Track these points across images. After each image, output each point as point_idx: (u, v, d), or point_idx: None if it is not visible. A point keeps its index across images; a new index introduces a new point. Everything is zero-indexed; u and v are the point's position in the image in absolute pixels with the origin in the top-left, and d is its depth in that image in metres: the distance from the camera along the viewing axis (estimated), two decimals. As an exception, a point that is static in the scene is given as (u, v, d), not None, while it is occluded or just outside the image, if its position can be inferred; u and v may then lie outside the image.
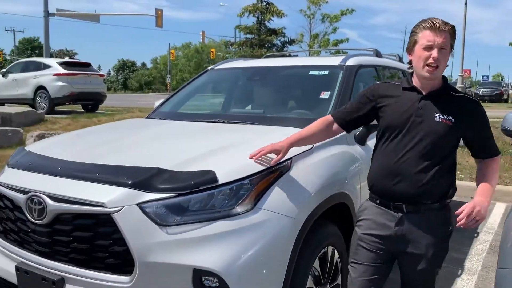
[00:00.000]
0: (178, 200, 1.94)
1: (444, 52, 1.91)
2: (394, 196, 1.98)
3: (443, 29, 1.89)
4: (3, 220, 2.38)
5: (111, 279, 1.93)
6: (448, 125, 1.93)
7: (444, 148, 1.95)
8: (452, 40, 1.95)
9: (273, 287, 2.03)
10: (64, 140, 2.98)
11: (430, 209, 1.97)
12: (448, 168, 1.98)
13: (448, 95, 1.99)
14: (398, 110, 2.00)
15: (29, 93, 13.55)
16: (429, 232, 1.98)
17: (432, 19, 1.93)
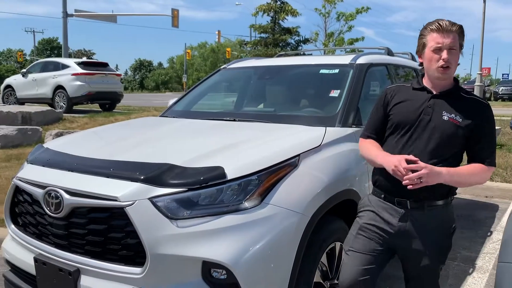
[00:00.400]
0: (188, 195, 2.00)
1: (454, 52, 1.94)
2: (399, 192, 1.99)
3: (451, 30, 1.92)
4: (23, 213, 2.48)
5: (124, 270, 2.00)
6: (455, 125, 1.95)
7: (450, 147, 1.97)
8: (461, 40, 1.97)
9: (280, 281, 2.08)
10: (80, 137, 3.07)
11: (433, 206, 2.00)
12: (450, 166, 1.97)
13: (458, 96, 2.02)
14: (408, 108, 2.03)
15: (48, 93, 13.83)
16: (433, 229, 2.00)
17: (439, 21, 1.96)
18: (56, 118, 10.69)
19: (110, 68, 15.13)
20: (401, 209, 2.02)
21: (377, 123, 2.18)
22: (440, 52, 1.93)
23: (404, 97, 2.09)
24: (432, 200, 2.00)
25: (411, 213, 2.01)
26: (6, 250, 2.56)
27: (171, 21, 23.54)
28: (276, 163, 2.18)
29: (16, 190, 2.51)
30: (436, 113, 1.98)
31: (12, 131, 8.22)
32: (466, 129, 1.95)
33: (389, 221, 2.04)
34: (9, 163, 6.85)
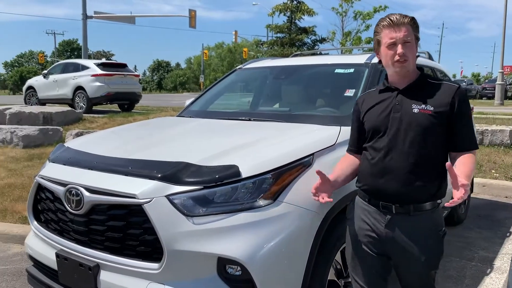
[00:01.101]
0: (204, 193, 2.04)
1: (409, 45, 1.89)
2: (383, 194, 1.94)
3: (403, 23, 1.88)
4: (45, 210, 2.56)
5: (141, 265, 2.05)
6: (427, 115, 1.87)
7: (429, 140, 1.88)
8: (415, 31, 1.93)
9: (295, 278, 2.11)
10: (100, 136, 3.15)
11: (420, 211, 1.90)
12: (437, 164, 1.90)
13: (426, 84, 1.95)
14: (377, 112, 1.98)
15: (69, 93, 14.09)
16: (421, 234, 1.91)
17: (389, 16, 1.92)
18: (76, 118, 10.88)
19: (128, 69, 15.33)
20: (386, 214, 1.94)
21: (355, 135, 2.14)
22: (395, 47, 1.88)
23: (373, 102, 2.04)
24: (418, 203, 1.91)
25: (397, 219, 1.93)
26: (29, 246, 2.65)
27: (189, 22, 23.75)
28: (290, 162, 2.21)
29: (38, 188, 2.59)
30: (406, 108, 1.91)
31: (34, 131, 8.41)
32: (440, 116, 1.87)
33: (375, 227, 1.98)
34: (31, 162, 7.02)
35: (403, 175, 1.87)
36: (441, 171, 1.91)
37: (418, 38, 1.95)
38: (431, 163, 1.89)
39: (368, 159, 1.99)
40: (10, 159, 7.25)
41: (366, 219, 2.00)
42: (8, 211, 4.72)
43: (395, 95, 1.96)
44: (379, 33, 1.94)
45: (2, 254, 4.02)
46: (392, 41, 1.89)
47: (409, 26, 1.90)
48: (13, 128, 8.53)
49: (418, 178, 1.87)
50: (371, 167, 1.97)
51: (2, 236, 4.30)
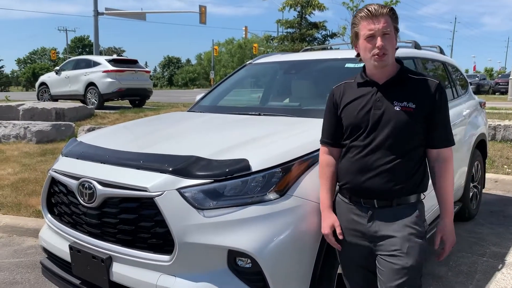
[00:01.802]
0: (214, 186, 2.06)
1: (388, 37, 1.81)
2: (365, 192, 1.90)
3: (381, 14, 1.80)
4: (58, 204, 2.60)
5: (153, 257, 2.09)
6: (409, 112, 1.83)
7: (409, 138, 1.86)
8: (395, 22, 1.85)
9: (304, 270, 2.12)
10: (112, 131, 3.19)
11: (402, 204, 1.88)
12: (417, 159, 1.89)
13: (406, 79, 1.89)
14: (357, 108, 1.91)
15: (80, 90, 14.25)
16: (403, 224, 1.86)
17: (367, 6, 1.83)
18: (88, 114, 11.01)
19: (139, 65, 15.43)
20: (368, 210, 1.92)
21: (331, 128, 2.06)
22: (374, 39, 1.80)
23: (351, 96, 1.96)
24: (401, 197, 1.88)
25: (379, 212, 1.90)
26: (43, 239, 2.70)
27: (199, 18, 23.77)
28: (300, 156, 2.22)
29: (52, 181, 2.63)
30: (387, 105, 1.85)
31: (46, 126, 8.53)
32: (421, 113, 1.83)
33: (358, 224, 1.94)
34: (44, 158, 7.13)
35: (385, 172, 1.84)
36: (422, 167, 1.92)
37: (398, 29, 1.88)
38: (413, 159, 1.88)
39: (349, 157, 1.95)
40: (24, 154, 7.37)
41: (351, 218, 1.97)
42: (23, 205, 4.81)
43: (375, 91, 1.90)
44: (357, 24, 1.86)
45: (17, 247, 4.10)
46: (370, 33, 1.81)
47: (388, 17, 1.82)
48: (26, 123, 8.65)
49: (400, 175, 1.85)
50: (351, 165, 1.93)
51: (17, 229, 4.38)
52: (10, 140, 8.51)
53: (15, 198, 5.06)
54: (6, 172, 6.25)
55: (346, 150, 1.98)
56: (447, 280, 3.34)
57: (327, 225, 2.02)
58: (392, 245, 1.84)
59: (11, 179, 5.83)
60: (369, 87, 1.92)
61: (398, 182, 1.85)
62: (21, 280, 3.43)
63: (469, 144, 4.31)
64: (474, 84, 32.26)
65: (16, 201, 4.94)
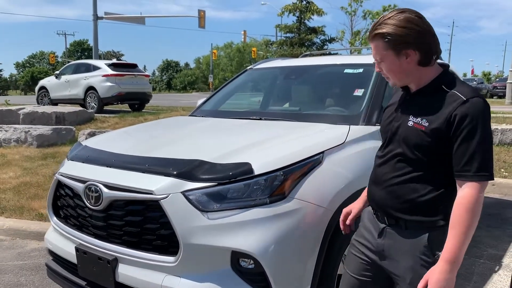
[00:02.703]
0: (218, 189, 2.12)
1: (383, 64, 1.65)
2: (375, 204, 1.81)
3: (371, 38, 1.65)
4: (64, 207, 2.66)
5: (158, 259, 2.14)
6: (419, 131, 1.61)
7: (421, 158, 1.63)
8: (389, 47, 1.60)
9: (305, 272, 2.17)
10: (116, 135, 3.24)
11: (413, 227, 1.68)
12: (437, 181, 1.63)
13: (436, 91, 1.63)
14: (386, 115, 1.82)
15: (80, 94, 14.30)
16: (408, 252, 1.68)
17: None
18: (88, 118, 11.06)
19: (139, 69, 15.52)
20: (382, 223, 1.78)
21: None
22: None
23: (393, 99, 1.84)
24: (409, 219, 1.68)
25: (389, 230, 1.75)
26: (49, 241, 2.75)
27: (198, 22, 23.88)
28: (301, 160, 2.28)
29: (58, 184, 2.69)
30: (403, 119, 1.69)
31: (47, 130, 8.58)
32: (435, 135, 1.57)
33: (372, 236, 1.83)
34: (46, 161, 7.17)
35: (388, 188, 1.71)
36: (440, 192, 1.63)
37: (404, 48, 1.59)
38: (424, 182, 1.64)
39: (374, 166, 1.88)
40: (25, 158, 7.41)
41: (368, 227, 1.87)
42: (25, 209, 4.86)
43: (403, 100, 1.75)
44: None
45: (20, 250, 4.14)
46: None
47: (377, 40, 1.62)
48: (27, 127, 8.70)
49: (407, 193, 1.66)
50: (371, 175, 1.87)
51: (20, 232, 4.43)
52: (11, 144, 8.55)
53: (18, 201, 5.11)
54: (8, 175, 6.29)
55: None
56: None
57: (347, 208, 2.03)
58: (396, 269, 1.73)
59: (13, 183, 5.88)
60: (403, 94, 1.77)
61: (404, 200, 1.67)
62: (26, 282, 3.48)
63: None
64: (472, 88, 32.36)
65: (18, 205, 4.98)
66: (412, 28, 1.57)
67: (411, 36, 1.57)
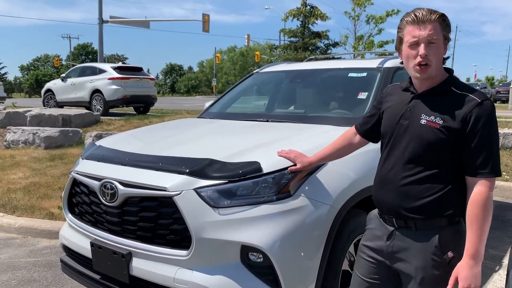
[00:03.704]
0: (228, 187, 2.23)
1: (434, 46, 1.64)
2: (384, 207, 1.82)
3: (429, 20, 1.63)
4: (79, 204, 2.77)
5: (171, 253, 2.24)
6: (433, 129, 1.65)
7: (434, 156, 1.68)
8: (445, 30, 1.67)
9: (311, 266, 2.27)
10: (129, 136, 3.35)
11: (423, 228, 1.72)
12: (447, 179, 1.68)
13: (447, 93, 1.69)
14: (391, 114, 1.83)
15: (86, 96, 14.44)
16: (419, 253, 1.72)
17: (415, 11, 1.67)
18: (94, 121, 11.19)
19: (144, 72, 15.65)
20: (390, 226, 1.80)
21: (366, 118, 2.08)
22: (418, 47, 1.65)
23: (393, 100, 1.87)
24: (419, 219, 1.72)
25: (398, 232, 1.78)
26: (64, 237, 2.86)
27: (202, 26, 24.08)
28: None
29: (73, 182, 2.80)
30: (415, 117, 1.71)
31: (55, 132, 8.71)
32: (450, 132, 1.63)
33: (380, 239, 1.84)
34: (53, 163, 7.29)
35: (399, 188, 1.73)
36: (455, 189, 1.69)
37: (448, 38, 1.70)
38: (436, 180, 1.69)
39: (378, 168, 1.89)
40: (33, 159, 7.54)
41: (376, 230, 1.89)
42: (36, 208, 4.97)
43: (409, 100, 1.77)
44: (402, 29, 1.71)
45: (32, 248, 4.26)
46: (414, 40, 1.65)
47: (437, 23, 1.64)
48: (35, 129, 8.83)
49: (416, 194, 1.70)
50: (376, 177, 1.89)
51: (31, 231, 4.54)
52: (19, 145, 8.68)
53: (28, 201, 5.22)
54: (18, 176, 6.42)
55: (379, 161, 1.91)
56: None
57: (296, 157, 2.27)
58: (407, 270, 1.76)
59: (22, 183, 6.00)
60: (407, 94, 1.79)
61: (412, 200, 1.70)
62: (39, 278, 3.59)
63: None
64: (475, 92, 32.40)
65: (29, 204, 5.10)
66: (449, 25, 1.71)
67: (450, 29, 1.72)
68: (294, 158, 2.28)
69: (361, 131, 2.12)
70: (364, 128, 2.10)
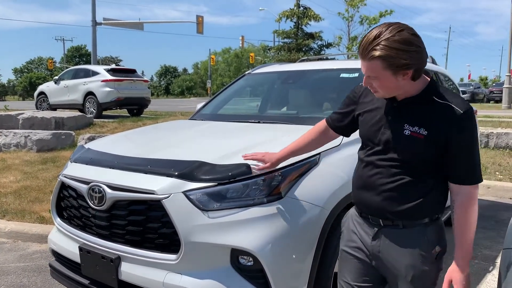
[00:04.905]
0: (218, 189, 2.20)
1: (376, 79, 1.60)
2: (369, 209, 1.80)
3: (366, 57, 1.57)
4: (68, 207, 2.73)
5: (160, 257, 2.21)
6: (418, 139, 1.64)
7: (418, 164, 1.68)
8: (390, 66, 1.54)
9: (302, 269, 2.24)
10: (119, 138, 3.32)
11: (409, 226, 1.74)
12: (432, 183, 1.71)
13: (428, 102, 1.66)
14: (370, 120, 1.79)
15: (79, 99, 14.36)
16: (407, 250, 1.72)
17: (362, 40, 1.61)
18: (87, 123, 11.12)
19: (138, 74, 15.57)
20: (375, 226, 1.80)
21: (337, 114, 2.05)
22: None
23: (371, 104, 1.82)
24: (407, 220, 1.73)
25: (384, 231, 1.77)
26: (53, 241, 2.82)
27: (196, 28, 24.02)
28: (298, 161, 2.35)
29: (61, 186, 2.76)
30: (397, 127, 1.68)
31: (47, 135, 8.64)
32: (434, 143, 1.63)
33: (364, 239, 1.84)
34: (45, 166, 7.23)
35: (385, 193, 1.73)
36: (439, 190, 1.73)
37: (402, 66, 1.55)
38: (423, 182, 1.70)
39: (359, 170, 1.86)
40: (25, 162, 7.47)
41: (357, 231, 1.88)
42: (26, 212, 4.92)
43: (390, 107, 1.73)
44: None
45: (22, 252, 4.20)
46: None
47: (376, 61, 1.54)
48: (27, 132, 8.75)
49: (405, 197, 1.70)
50: (357, 180, 1.86)
51: (22, 235, 4.49)
52: (10, 148, 8.60)
53: (19, 205, 5.17)
54: (9, 180, 6.35)
55: (358, 162, 1.88)
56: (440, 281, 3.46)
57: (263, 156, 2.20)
58: (395, 269, 1.75)
59: (13, 187, 5.94)
60: (388, 100, 1.74)
61: (398, 204, 1.71)
62: (28, 283, 3.54)
63: (461, 151, 4.45)
64: (469, 92, 32.60)
65: (20, 208, 5.04)
66: (412, 50, 1.54)
67: (413, 58, 1.55)
68: (261, 158, 2.21)
69: (333, 127, 2.09)
70: (336, 124, 2.07)
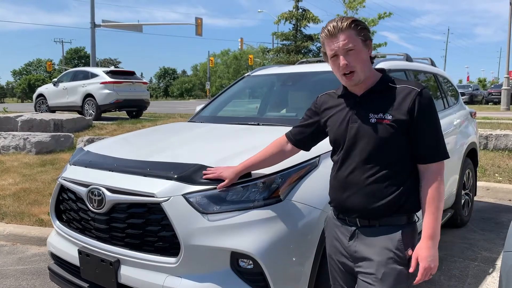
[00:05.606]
0: (217, 192, 2.19)
1: (353, 52, 1.70)
2: (348, 210, 1.81)
3: (340, 29, 1.68)
4: (67, 210, 2.72)
5: (160, 260, 2.20)
6: (385, 125, 1.70)
7: (389, 152, 1.72)
8: (361, 34, 1.71)
9: (302, 271, 2.24)
10: (118, 141, 3.31)
11: (386, 225, 1.75)
12: (403, 175, 1.74)
13: (386, 89, 1.76)
14: (337, 121, 1.84)
15: (78, 101, 14.35)
16: (381, 249, 1.73)
17: (327, 25, 1.74)
18: (86, 125, 11.11)
19: (137, 76, 15.58)
20: (351, 226, 1.81)
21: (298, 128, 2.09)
22: (338, 58, 1.71)
23: (334, 108, 1.88)
24: (383, 217, 1.75)
25: (361, 231, 1.79)
26: (52, 244, 2.81)
27: (195, 30, 24.04)
28: (298, 163, 2.35)
29: (61, 189, 2.75)
30: (363, 118, 1.74)
31: (46, 137, 8.62)
32: (400, 125, 1.69)
33: (342, 242, 1.85)
34: (44, 168, 7.21)
35: (363, 190, 1.75)
36: (410, 183, 1.76)
37: (369, 38, 1.75)
38: (396, 175, 1.73)
39: (333, 173, 1.88)
40: (24, 164, 7.45)
41: (336, 235, 1.89)
42: (25, 214, 4.90)
43: (353, 104, 1.80)
44: (323, 44, 1.79)
45: (21, 255, 4.19)
46: (333, 53, 1.72)
47: (350, 30, 1.69)
48: (26, 134, 8.74)
49: (380, 192, 1.73)
50: (333, 181, 1.88)
51: (20, 238, 4.47)
52: (9, 151, 8.58)
53: (18, 207, 5.15)
54: (7, 182, 6.33)
55: (333, 165, 1.90)
56: (440, 284, 3.46)
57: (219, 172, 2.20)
58: (368, 268, 1.74)
59: (12, 189, 5.92)
60: (349, 99, 1.83)
61: (378, 200, 1.73)
62: (27, 286, 3.52)
63: (460, 153, 4.47)
64: (468, 94, 32.69)
65: (19, 210, 5.03)
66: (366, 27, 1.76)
67: (369, 32, 1.76)
68: (220, 174, 2.19)
69: (294, 141, 2.11)
70: (297, 138, 2.09)
